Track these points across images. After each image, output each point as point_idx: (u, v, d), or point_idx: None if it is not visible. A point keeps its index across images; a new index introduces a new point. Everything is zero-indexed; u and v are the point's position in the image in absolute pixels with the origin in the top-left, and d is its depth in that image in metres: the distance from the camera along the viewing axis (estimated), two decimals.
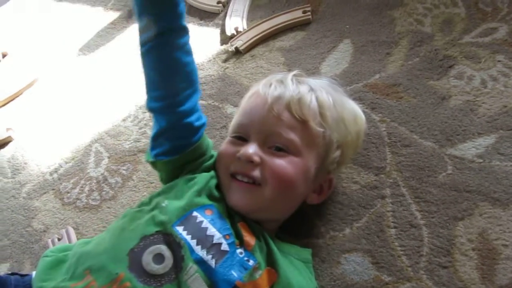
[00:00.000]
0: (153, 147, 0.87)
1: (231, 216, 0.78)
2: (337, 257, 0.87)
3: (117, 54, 1.48)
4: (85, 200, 1.13)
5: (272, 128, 0.80)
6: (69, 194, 1.15)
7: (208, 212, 0.76)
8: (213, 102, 1.20)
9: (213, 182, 0.82)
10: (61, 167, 1.22)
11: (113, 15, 1.63)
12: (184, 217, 0.74)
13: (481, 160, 0.91)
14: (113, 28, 1.58)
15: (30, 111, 1.43)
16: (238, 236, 0.75)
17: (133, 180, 1.12)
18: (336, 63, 1.17)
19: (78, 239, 1.06)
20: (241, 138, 0.83)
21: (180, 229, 0.72)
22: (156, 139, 0.86)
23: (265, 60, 1.25)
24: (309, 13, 1.29)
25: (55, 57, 1.56)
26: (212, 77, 1.26)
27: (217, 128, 1.14)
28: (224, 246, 0.72)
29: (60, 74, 1.50)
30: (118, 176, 1.14)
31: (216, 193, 0.80)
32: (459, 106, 1.00)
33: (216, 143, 1.10)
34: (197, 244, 0.71)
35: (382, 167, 0.95)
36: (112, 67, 1.45)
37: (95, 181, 1.15)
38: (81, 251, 0.75)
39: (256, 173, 0.78)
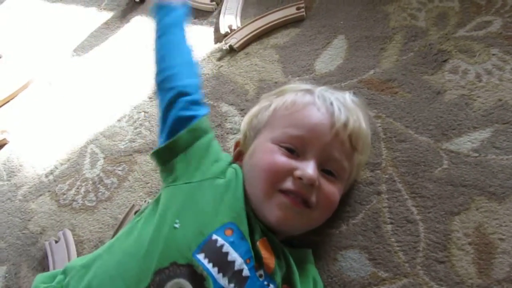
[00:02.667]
0: (159, 136, 0.84)
1: (252, 232, 0.73)
2: (334, 254, 0.87)
3: (111, 54, 1.48)
4: (81, 201, 1.12)
5: (334, 154, 0.78)
6: (65, 196, 1.15)
7: (228, 233, 0.70)
8: (208, 101, 1.19)
9: (239, 191, 0.77)
10: (57, 168, 1.22)
11: (107, 15, 1.62)
12: (204, 242, 0.68)
13: (476, 154, 0.91)
14: (107, 29, 1.57)
15: (25, 113, 1.42)
16: (258, 257, 0.72)
17: (129, 180, 1.12)
18: (330, 60, 1.16)
19: (74, 241, 1.05)
20: (291, 150, 0.78)
21: (201, 257, 0.67)
22: (160, 124, 0.84)
23: (259, 57, 1.24)
24: (302, 9, 1.29)
25: (50, 58, 1.56)
26: (207, 75, 1.26)
27: (212, 127, 1.13)
28: (245, 272, 0.68)
29: (55, 75, 1.50)
30: (114, 177, 1.14)
31: (239, 204, 0.75)
32: (454, 100, 0.99)
33: None
34: (219, 272, 0.66)
35: (378, 163, 0.95)
36: (106, 67, 1.44)
37: (91, 182, 1.15)
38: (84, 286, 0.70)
39: (313, 198, 0.75)
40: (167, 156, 0.80)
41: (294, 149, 0.77)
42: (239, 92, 1.18)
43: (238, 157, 0.89)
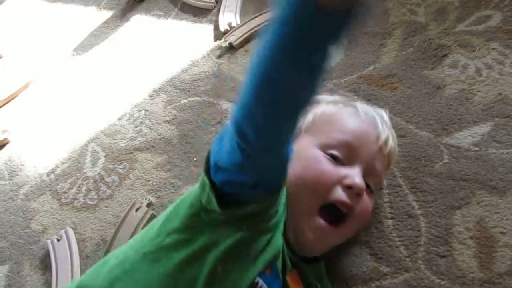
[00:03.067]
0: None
1: (284, 264, 0.70)
2: (336, 250, 0.87)
3: (111, 53, 1.48)
4: (83, 200, 1.12)
5: (377, 166, 0.78)
6: (66, 194, 1.15)
7: (267, 272, 0.66)
8: (208, 98, 1.19)
9: (282, 222, 0.70)
10: (58, 167, 1.22)
11: (107, 14, 1.62)
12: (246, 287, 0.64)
13: (477, 149, 0.91)
14: (107, 28, 1.57)
15: (26, 113, 1.43)
16: None
17: (130, 178, 1.12)
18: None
19: (76, 239, 1.06)
20: (335, 158, 0.74)
21: None
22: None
23: None
24: None
25: (50, 58, 1.56)
26: (207, 73, 1.26)
27: (213, 124, 1.13)
28: None
29: (55, 74, 1.50)
30: (115, 175, 1.14)
31: (281, 239, 0.69)
32: (454, 95, 0.99)
33: (212, 139, 1.10)
34: None
35: None
36: (106, 66, 1.44)
37: (92, 180, 1.15)
38: None
39: (357, 208, 0.73)
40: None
41: (339, 157, 0.74)
42: (240, 89, 1.17)
43: None
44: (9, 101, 1.49)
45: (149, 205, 1.01)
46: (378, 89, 1.05)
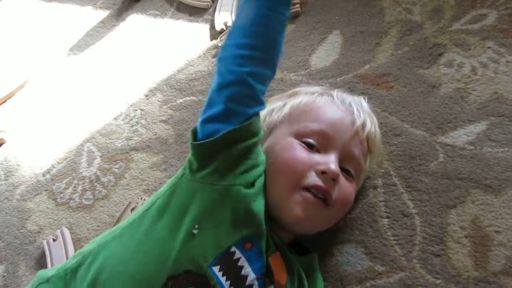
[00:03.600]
0: (205, 111, 0.72)
1: (268, 246, 0.72)
2: (331, 249, 0.87)
3: (107, 53, 1.48)
4: (78, 200, 1.12)
5: (353, 151, 0.79)
6: (62, 195, 1.15)
7: (247, 246, 0.68)
8: (204, 98, 1.19)
9: (263, 202, 0.73)
10: (54, 167, 1.22)
11: (103, 13, 1.62)
12: (222, 255, 0.66)
13: (472, 147, 0.91)
14: (103, 27, 1.57)
15: (22, 113, 1.42)
16: (269, 272, 0.71)
17: (125, 178, 1.12)
18: (326, 55, 1.16)
19: (72, 239, 1.06)
20: (310, 145, 0.77)
21: (216, 269, 0.65)
22: (212, 99, 0.71)
23: None
24: (298, 5, 1.29)
25: (46, 57, 1.56)
26: (203, 72, 1.26)
27: None
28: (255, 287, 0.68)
29: (51, 74, 1.49)
30: (111, 175, 1.14)
31: (262, 217, 0.71)
32: (450, 93, 0.99)
33: None
34: (230, 285, 0.66)
35: None
36: (102, 66, 1.44)
37: (88, 180, 1.15)
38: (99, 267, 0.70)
39: (335, 192, 0.74)
40: (217, 146, 0.70)
41: (315, 144, 0.77)
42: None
43: None
44: (5, 101, 1.48)
45: None
46: (373, 88, 1.05)
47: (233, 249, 0.67)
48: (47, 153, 1.26)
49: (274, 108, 0.86)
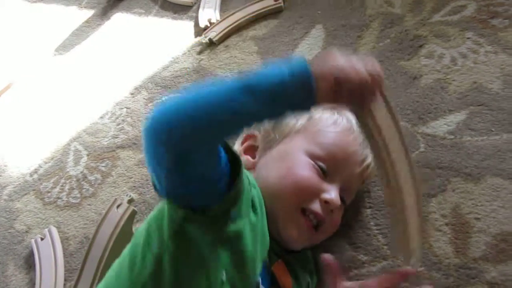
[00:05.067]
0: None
1: (270, 257, 0.73)
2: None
3: (92, 52, 1.48)
4: (66, 199, 1.13)
5: (353, 186, 0.81)
6: (49, 194, 1.15)
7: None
8: None
9: (265, 220, 0.72)
10: (41, 167, 1.22)
11: (87, 13, 1.62)
12: None
13: (452, 137, 0.92)
14: (88, 27, 1.57)
15: (9, 114, 1.42)
16: (274, 279, 0.72)
17: (112, 176, 1.12)
18: (309, 49, 1.17)
19: (60, 238, 1.06)
20: (323, 170, 0.76)
21: None
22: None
23: (238, 50, 1.25)
24: (280, 0, 1.30)
25: (32, 58, 1.56)
26: (188, 69, 1.27)
27: None
28: None
29: (37, 75, 1.50)
30: (98, 173, 1.14)
31: (268, 236, 0.71)
32: (430, 84, 1.00)
33: None
34: None
35: None
36: (88, 65, 1.44)
37: (75, 179, 1.15)
38: None
39: (327, 220, 0.76)
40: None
41: (326, 170, 0.76)
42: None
43: (248, 151, 0.85)
44: None
45: (130, 201, 1.01)
46: None
47: (258, 279, 0.68)
48: (34, 153, 1.27)
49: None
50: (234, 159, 0.61)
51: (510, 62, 0.99)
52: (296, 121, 0.81)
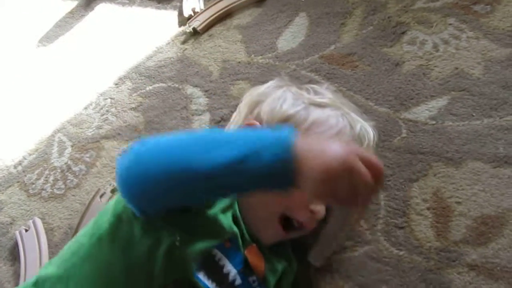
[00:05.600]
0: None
1: (244, 239, 0.73)
2: None
3: (76, 43, 1.47)
4: (50, 190, 1.12)
5: None
6: (34, 185, 1.15)
7: (227, 245, 0.70)
8: (173, 84, 1.19)
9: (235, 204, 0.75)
10: (25, 159, 1.21)
11: (71, 4, 1.60)
12: (204, 258, 0.67)
13: (434, 122, 0.92)
14: (72, 18, 1.56)
15: None
16: (247, 264, 0.72)
17: (96, 166, 1.12)
18: (292, 37, 1.17)
19: (45, 229, 1.06)
20: None
21: (201, 275, 0.65)
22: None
23: (222, 38, 1.24)
24: None
25: (15, 50, 1.54)
26: (172, 59, 1.26)
27: (177, 110, 1.14)
28: (238, 281, 0.69)
29: (20, 66, 1.48)
30: (82, 164, 1.14)
31: (238, 220, 0.73)
32: (412, 71, 1.01)
33: (176, 124, 1.11)
34: (216, 286, 0.66)
35: None
36: (72, 56, 1.43)
37: (59, 170, 1.15)
38: None
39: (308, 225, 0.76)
40: None
41: None
42: (203, 73, 1.18)
43: None
44: None
45: (113, 191, 1.01)
46: (339, 68, 1.06)
47: (215, 251, 0.68)
48: (18, 145, 1.26)
49: (295, 112, 0.79)
50: None
51: (491, 48, 0.99)
52: (301, 119, 0.78)
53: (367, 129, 0.82)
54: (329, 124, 0.78)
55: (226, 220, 0.70)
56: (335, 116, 0.79)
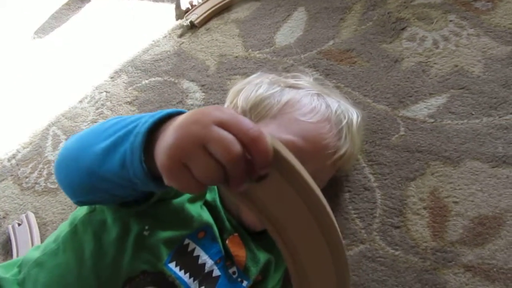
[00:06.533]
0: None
1: (222, 230, 0.71)
2: None
3: (72, 35, 1.45)
4: (44, 184, 1.11)
5: (323, 176, 0.78)
6: (27, 179, 1.13)
7: (200, 235, 0.68)
8: (169, 78, 1.18)
9: (214, 193, 0.73)
10: (19, 152, 1.20)
11: None
12: (176, 249, 0.65)
13: (432, 120, 0.91)
14: (68, 9, 1.54)
15: None
16: (228, 254, 0.70)
17: None
18: (290, 32, 1.15)
19: (38, 223, 1.05)
20: None
21: (173, 265, 0.64)
22: None
23: (220, 32, 1.23)
24: None
25: (10, 41, 1.52)
26: (168, 53, 1.24)
27: (173, 104, 1.12)
28: (216, 272, 0.68)
29: (16, 58, 1.47)
30: None
31: (201, 213, 0.70)
32: (411, 67, 0.99)
33: None
34: (190, 277, 0.65)
35: None
36: (67, 48, 1.41)
37: (53, 164, 1.14)
38: None
39: None
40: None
41: None
42: (200, 68, 1.17)
43: None
44: None
45: None
46: (337, 64, 1.05)
47: (186, 241, 0.66)
48: (12, 138, 1.24)
49: (271, 94, 0.78)
50: None
51: (492, 45, 0.98)
52: (274, 101, 0.77)
53: (348, 108, 0.81)
54: (302, 103, 0.76)
55: (194, 209, 0.68)
56: (309, 95, 0.78)
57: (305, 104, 0.77)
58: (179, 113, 0.47)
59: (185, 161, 0.39)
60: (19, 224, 1.05)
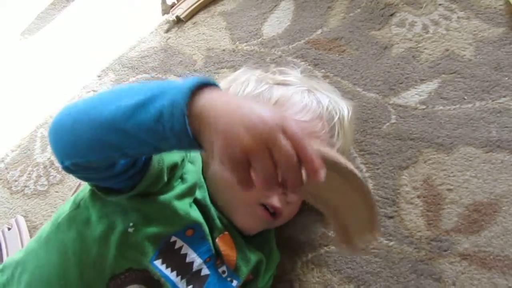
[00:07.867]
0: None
1: (212, 229, 0.70)
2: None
3: (59, 35, 1.43)
4: (33, 187, 1.09)
5: None
6: (16, 183, 1.12)
7: (188, 233, 0.66)
8: (156, 75, 1.16)
9: (203, 191, 0.71)
10: (8, 156, 1.18)
11: None
12: (161, 246, 0.64)
13: (424, 107, 0.89)
14: (53, 9, 1.52)
15: None
16: (219, 253, 0.70)
17: None
18: (278, 22, 1.13)
19: (28, 227, 1.03)
20: None
21: (158, 263, 0.63)
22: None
23: (207, 26, 1.20)
24: None
25: None
26: (155, 49, 1.22)
27: None
28: (205, 271, 0.67)
29: (3, 60, 1.45)
30: None
31: (205, 202, 0.70)
32: (401, 54, 0.97)
33: None
34: (177, 275, 0.64)
35: None
36: (54, 48, 1.40)
37: (42, 166, 1.12)
38: None
39: (285, 211, 0.74)
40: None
41: None
42: (187, 63, 1.14)
43: None
44: None
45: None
46: (325, 53, 1.02)
47: (173, 239, 0.65)
48: (0, 141, 1.23)
49: (260, 92, 0.77)
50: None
51: (483, 28, 0.96)
52: (264, 100, 0.75)
53: (338, 103, 0.79)
54: (293, 101, 0.75)
55: (182, 206, 0.66)
56: (299, 92, 0.77)
57: (296, 102, 0.75)
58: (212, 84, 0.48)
59: (251, 157, 0.42)
60: (9, 229, 1.03)
